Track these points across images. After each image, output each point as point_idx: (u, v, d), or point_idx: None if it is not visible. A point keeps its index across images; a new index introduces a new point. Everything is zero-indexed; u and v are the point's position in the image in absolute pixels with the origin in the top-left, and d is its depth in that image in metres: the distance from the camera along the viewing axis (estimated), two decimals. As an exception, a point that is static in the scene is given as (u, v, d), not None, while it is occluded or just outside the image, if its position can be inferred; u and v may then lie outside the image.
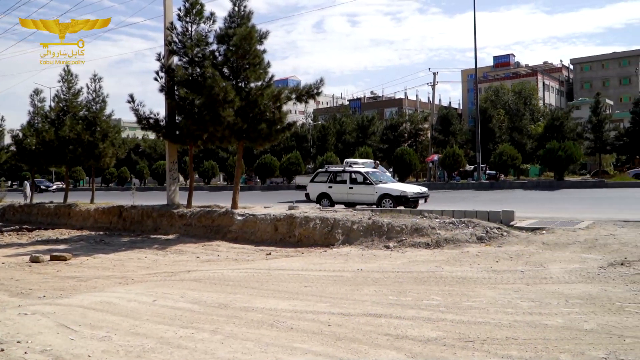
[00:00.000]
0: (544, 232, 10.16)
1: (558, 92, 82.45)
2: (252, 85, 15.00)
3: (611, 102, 69.18)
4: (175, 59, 16.14)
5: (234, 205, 15.31)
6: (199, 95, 14.58)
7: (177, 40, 15.59)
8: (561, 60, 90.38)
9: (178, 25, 15.66)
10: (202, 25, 15.61)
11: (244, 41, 14.27)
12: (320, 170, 19.54)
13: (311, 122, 55.88)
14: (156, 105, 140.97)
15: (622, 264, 7.58)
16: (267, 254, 11.26)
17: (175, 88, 15.67)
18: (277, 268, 9.06)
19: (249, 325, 5.52)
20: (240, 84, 14.90)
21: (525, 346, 4.42)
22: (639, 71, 75.97)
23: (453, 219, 11.22)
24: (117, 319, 5.96)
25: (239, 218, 13.90)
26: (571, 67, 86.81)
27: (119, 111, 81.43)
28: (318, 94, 15.30)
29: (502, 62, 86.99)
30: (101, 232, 16.99)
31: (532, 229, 10.44)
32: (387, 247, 10.53)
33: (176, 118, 16.17)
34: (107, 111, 21.44)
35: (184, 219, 15.40)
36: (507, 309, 5.60)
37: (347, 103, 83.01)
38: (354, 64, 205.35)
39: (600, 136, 41.32)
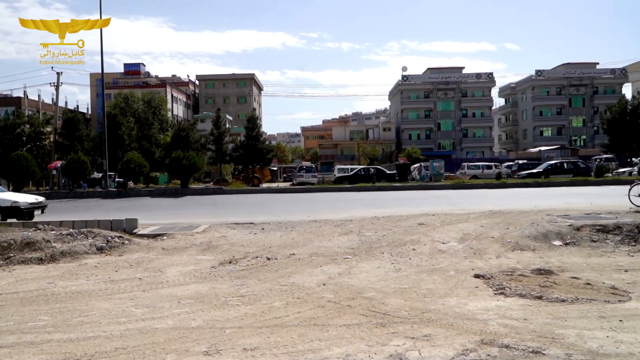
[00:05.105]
0: (165, 237, 10.54)
1: (185, 104, 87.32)
2: None
3: (230, 118, 77.30)
4: None
5: None
6: None
7: None
8: (188, 75, 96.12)
9: None
10: None
11: None
12: None
13: None
14: None
15: (230, 262, 8.49)
16: None
17: None
18: None
19: None
20: None
21: (134, 354, 4.42)
22: (252, 92, 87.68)
23: (72, 230, 10.54)
24: None
25: None
26: (197, 82, 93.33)
27: None
28: None
29: (133, 70, 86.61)
30: None
31: (154, 236, 10.70)
32: (-10, 267, 9.09)
33: None
34: None
35: None
36: (121, 319, 5.53)
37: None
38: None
39: (221, 147, 45.87)
